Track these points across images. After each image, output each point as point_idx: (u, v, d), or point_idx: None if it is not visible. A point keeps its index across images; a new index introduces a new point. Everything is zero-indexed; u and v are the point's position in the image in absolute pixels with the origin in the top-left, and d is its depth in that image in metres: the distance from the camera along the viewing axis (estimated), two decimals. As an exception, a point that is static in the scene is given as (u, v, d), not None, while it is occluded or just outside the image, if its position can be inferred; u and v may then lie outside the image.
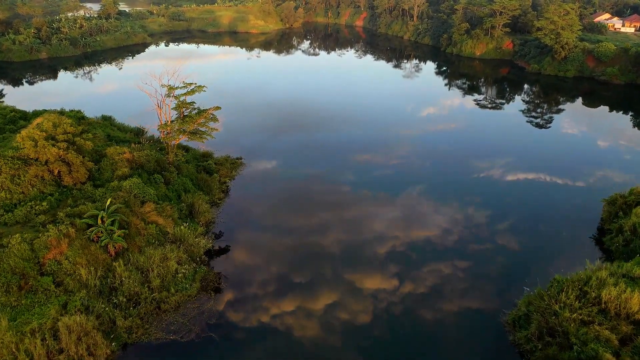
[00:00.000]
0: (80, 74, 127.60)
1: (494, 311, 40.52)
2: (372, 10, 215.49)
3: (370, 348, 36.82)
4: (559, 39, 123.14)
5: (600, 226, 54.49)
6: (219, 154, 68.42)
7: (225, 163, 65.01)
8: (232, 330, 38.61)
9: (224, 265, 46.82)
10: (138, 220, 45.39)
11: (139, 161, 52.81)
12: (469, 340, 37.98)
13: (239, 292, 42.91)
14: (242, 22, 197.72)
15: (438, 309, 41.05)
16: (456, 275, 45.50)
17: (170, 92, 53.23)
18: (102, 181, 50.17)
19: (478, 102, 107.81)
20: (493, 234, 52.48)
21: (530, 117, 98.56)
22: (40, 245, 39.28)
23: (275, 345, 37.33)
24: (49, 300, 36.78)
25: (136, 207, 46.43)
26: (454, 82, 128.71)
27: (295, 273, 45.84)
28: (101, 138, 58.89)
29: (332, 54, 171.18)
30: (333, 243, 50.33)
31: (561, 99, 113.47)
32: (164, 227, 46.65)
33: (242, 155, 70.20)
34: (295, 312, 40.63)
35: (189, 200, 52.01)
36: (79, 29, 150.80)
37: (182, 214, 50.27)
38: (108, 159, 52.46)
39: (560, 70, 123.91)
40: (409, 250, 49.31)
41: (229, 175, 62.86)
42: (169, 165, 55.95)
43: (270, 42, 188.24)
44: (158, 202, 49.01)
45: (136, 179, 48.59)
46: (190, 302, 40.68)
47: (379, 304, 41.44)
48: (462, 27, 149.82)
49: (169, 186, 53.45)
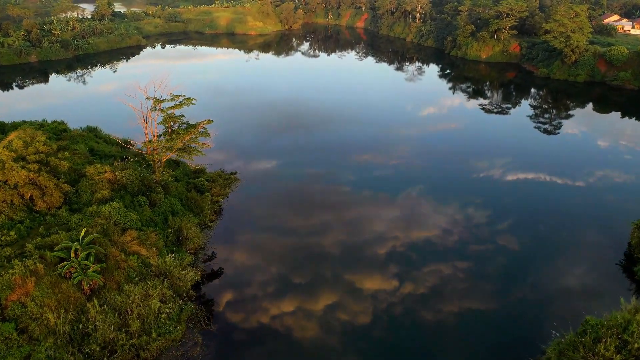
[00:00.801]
0: (71, 78, 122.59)
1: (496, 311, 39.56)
2: (374, 11, 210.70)
3: (370, 349, 36.34)
4: (569, 42, 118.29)
5: (628, 252, 49.60)
6: (213, 160, 63.77)
7: (218, 179, 60.15)
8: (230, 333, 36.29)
9: (216, 293, 42.20)
10: (117, 252, 40.55)
11: (122, 182, 47.98)
12: (470, 341, 37.17)
13: (234, 312, 39.17)
14: (240, 24, 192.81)
15: (438, 310, 40.28)
16: (459, 275, 44.43)
17: (156, 105, 48.37)
18: (80, 205, 45.33)
19: (483, 107, 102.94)
20: (519, 251, 48.02)
21: (538, 123, 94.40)
22: (3, 285, 34.48)
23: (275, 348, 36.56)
24: (10, 352, 31.89)
25: (116, 236, 41.62)
26: (458, 85, 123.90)
27: (294, 274, 44.95)
28: (82, 154, 54.05)
29: (332, 55, 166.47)
30: (333, 244, 49.70)
31: (571, 104, 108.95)
32: (146, 258, 41.80)
33: (237, 170, 65.40)
34: (295, 314, 39.81)
35: (176, 225, 47.16)
36: (71, 31, 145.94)
37: (168, 241, 45.44)
38: (87, 179, 47.63)
39: (571, 74, 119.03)
40: (409, 250, 48.70)
41: (222, 194, 57.99)
42: (155, 184, 51.11)
43: (269, 44, 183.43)
44: (141, 229, 44.18)
45: (117, 203, 43.71)
46: (174, 349, 35.90)
47: (379, 304, 40.89)
48: (467, 30, 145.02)
49: (154, 208, 48.60)
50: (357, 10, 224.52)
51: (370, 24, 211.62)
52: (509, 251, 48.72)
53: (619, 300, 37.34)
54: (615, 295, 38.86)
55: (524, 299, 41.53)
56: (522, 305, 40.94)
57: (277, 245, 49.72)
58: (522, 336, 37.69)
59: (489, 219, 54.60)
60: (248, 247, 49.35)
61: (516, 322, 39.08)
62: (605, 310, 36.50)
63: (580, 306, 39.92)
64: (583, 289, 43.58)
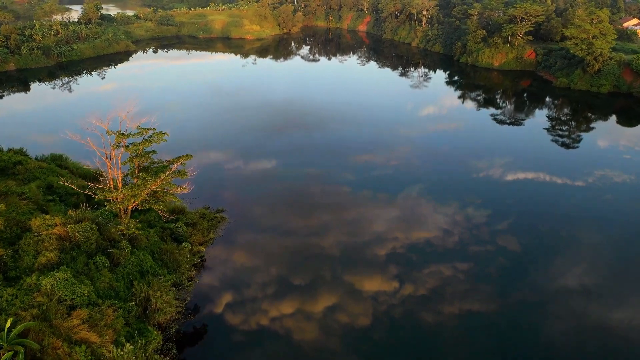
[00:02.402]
0: (46, 89, 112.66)
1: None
2: (377, 14, 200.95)
3: (370, 351, 36.03)
4: (592, 50, 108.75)
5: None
6: (199, 188, 54.40)
7: (201, 222, 50.47)
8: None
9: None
10: (59, 342, 30.90)
11: (75, 238, 38.38)
12: (471, 344, 36.59)
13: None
14: (236, 27, 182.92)
15: (439, 311, 40.01)
16: (459, 277, 44.34)
17: (119, 141, 38.78)
18: (20, 271, 35.68)
19: (495, 117, 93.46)
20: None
21: (556, 136, 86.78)
22: None
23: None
24: None
25: (59, 318, 32.01)
26: (469, 94, 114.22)
27: (293, 276, 44.31)
28: (33, 196, 44.47)
29: (333, 59, 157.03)
30: (332, 245, 49.30)
31: (593, 117, 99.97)
32: (99, 347, 32.19)
33: (224, 206, 55.93)
34: (295, 316, 39.15)
35: (142, 294, 37.55)
36: (55, 37, 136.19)
37: (131, 317, 35.82)
38: (32, 235, 38.03)
39: (593, 84, 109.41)
40: (409, 251, 48.50)
41: (205, 241, 48.40)
42: (121, 236, 41.52)
43: (267, 49, 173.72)
44: (96, 303, 34.63)
45: (63, 273, 34.05)
46: None
47: (379, 306, 40.62)
48: (478, 35, 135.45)
49: (117, 269, 39.00)
50: (359, 12, 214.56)
51: (373, 28, 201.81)
52: (509, 252, 48.43)
53: (619, 301, 40.29)
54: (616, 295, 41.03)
55: (524, 300, 41.23)
56: (523, 306, 40.64)
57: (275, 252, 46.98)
58: (523, 338, 37.25)
59: (489, 219, 54.40)
60: (235, 307, 39.92)
61: (517, 324, 38.66)
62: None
63: (580, 307, 40.49)
64: (583, 289, 43.07)
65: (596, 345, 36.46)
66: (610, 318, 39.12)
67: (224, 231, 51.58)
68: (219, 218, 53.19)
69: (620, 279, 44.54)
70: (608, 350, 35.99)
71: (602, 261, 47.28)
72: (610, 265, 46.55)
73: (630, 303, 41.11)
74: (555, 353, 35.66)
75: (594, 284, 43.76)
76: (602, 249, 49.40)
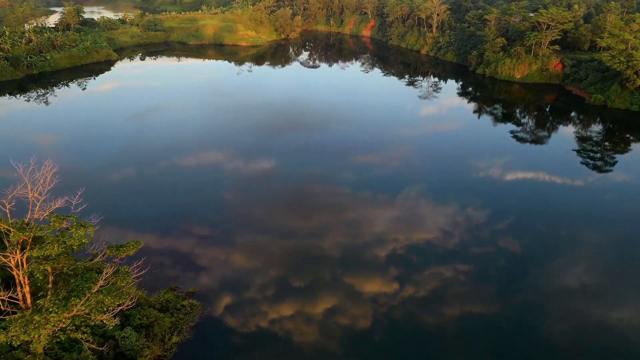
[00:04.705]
0: (11, 109, 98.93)
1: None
2: (382, 18, 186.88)
3: (370, 354, 35.21)
4: (632, 62, 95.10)
5: None
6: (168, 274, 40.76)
7: (161, 319, 36.56)
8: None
9: None
10: None
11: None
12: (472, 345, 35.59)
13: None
14: (230, 33, 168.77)
15: (439, 313, 39.14)
16: (460, 278, 43.44)
17: (16, 239, 24.94)
18: None
19: (516, 135, 79.76)
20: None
21: (586, 159, 77.29)
22: None
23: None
24: None
25: None
26: (493, 111, 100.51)
27: (293, 277, 43.58)
28: None
29: (334, 66, 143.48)
30: (332, 246, 48.60)
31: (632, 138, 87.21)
32: None
33: (198, 287, 42.25)
34: (295, 318, 38.27)
35: None
36: (26, 45, 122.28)
37: None
38: None
39: (634, 102, 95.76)
40: (409, 252, 47.94)
41: (162, 355, 34.52)
42: None
43: (263, 56, 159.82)
44: None
45: None
46: None
47: (379, 308, 39.92)
48: (497, 43, 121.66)
49: None
50: (363, 16, 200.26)
51: (377, 33, 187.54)
52: (510, 252, 48.11)
53: (619, 301, 40.52)
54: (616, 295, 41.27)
55: (525, 302, 40.77)
56: (523, 307, 40.06)
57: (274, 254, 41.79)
58: (523, 338, 36.65)
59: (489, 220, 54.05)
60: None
61: (517, 325, 38.05)
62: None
63: (581, 307, 40.33)
64: (583, 290, 42.70)
65: (596, 346, 36.38)
66: (610, 318, 39.12)
67: (195, 329, 37.82)
68: (187, 307, 39.35)
69: (620, 279, 44.48)
70: (608, 350, 35.88)
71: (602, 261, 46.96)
72: (610, 265, 46.45)
73: (630, 303, 41.11)
74: (556, 353, 35.42)
75: (594, 284, 43.70)
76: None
